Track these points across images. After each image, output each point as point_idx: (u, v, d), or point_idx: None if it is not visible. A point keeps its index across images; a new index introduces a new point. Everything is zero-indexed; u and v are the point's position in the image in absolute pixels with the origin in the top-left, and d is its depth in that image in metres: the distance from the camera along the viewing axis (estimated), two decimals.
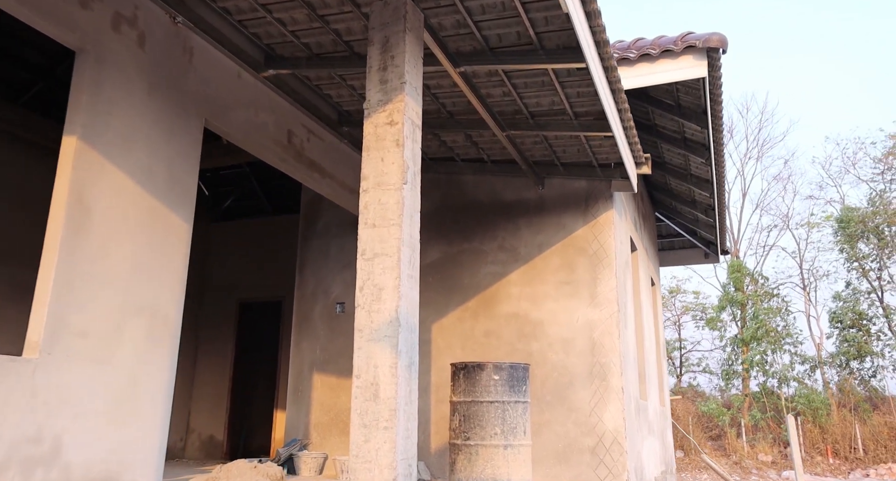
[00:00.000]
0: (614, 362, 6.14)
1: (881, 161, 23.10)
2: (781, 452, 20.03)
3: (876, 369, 20.77)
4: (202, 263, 9.94)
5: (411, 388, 3.56)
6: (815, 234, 27.73)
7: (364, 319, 3.55)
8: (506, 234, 6.81)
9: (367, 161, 3.77)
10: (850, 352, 20.71)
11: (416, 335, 3.68)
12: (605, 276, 6.34)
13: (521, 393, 5.54)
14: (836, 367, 21.55)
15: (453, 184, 7.17)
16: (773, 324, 21.29)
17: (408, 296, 3.61)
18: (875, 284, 21.22)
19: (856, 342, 20.64)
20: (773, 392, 20.97)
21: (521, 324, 6.53)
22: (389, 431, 3.35)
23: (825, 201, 25.71)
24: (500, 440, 5.39)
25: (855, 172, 24.40)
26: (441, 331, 6.80)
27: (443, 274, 6.93)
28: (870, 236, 20.67)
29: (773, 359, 21.40)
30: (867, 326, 20.95)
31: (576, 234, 6.55)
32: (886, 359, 20.67)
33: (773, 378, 21.18)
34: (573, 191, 6.69)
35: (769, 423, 20.36)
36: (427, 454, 6.57)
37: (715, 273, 27.33)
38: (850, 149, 30.02)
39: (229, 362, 9.50)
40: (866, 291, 21.30)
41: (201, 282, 9.88)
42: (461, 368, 5.61)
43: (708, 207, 8.95)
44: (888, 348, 20.64)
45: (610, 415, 6.04)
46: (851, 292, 21.28)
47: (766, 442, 20.02)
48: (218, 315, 9.69)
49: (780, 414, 20.33)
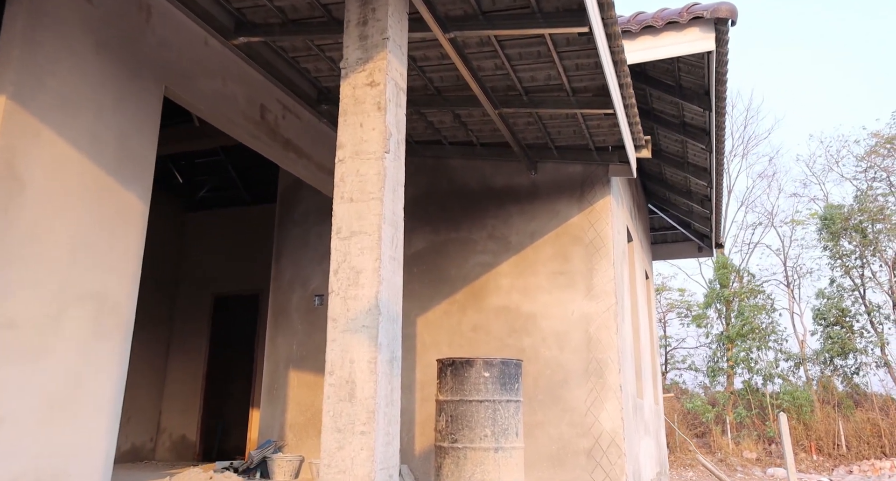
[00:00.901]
0: (612, 358, 5.67)
1: (864, 159, 22.98)
2: (766, 449, 19.83)
3: (859, 366, 20.63)
4: (176, 255, 9.35)
5: (393, 387, 3.06)
6: (799, 232, 27.61)
7: (339, 307, 3.04)
8: (496, 222, 6.32)
9: (343, 127, 3.26)
10: (834, 349, 20.53)
11: (398, 326, 3.17)
12: (602, 267, 5.87)
13: (513, 391, 5.06)
14: (820, 364, 21.38)
15: (440, 169, 6.67)
16: (758, 322, 21.08)
17: (390, 281, 3.11)
18: (857, 282, 21.06)
19: (839, 339, 20.47)
20: (758, 389, 20.77)
21: (511, 318, 6.05)
22: (367, 436, 2.85)
23: (809, 199, 25.56)
24: (490, 442, 4.90)
25: (838, 170, 24.27)
26: (427, 326, 6.29)
27: (429, 264, 6.43)
28: (853, 234, 20.49)
29: (758, 357, 21.19)
30: (850, 323, 20.80)
31: (571, 222, 6.08)
32: (870, 356, 20.52)
33: (758, 375, 20.97)
34: (568, 176, 6.21)
35: (754, 420, 20.15)
36: (411, 457, 6.06)
37: (700, 270, 27.11)
38: (833, 147, 29.94)
39: (203, 358, 8.92)
40: (850, 288, 21.15)
41: (175, 275, 9.29)
42: (448, 365, 5.11)
43: (704, 198, 8.53)
44: (871, 345, 20.48)
45: (607, 415, 5.57)
46: (835, 289, 21.11)
47: (750, 439, 19.81)
48: (192, 309, 9.11)
49: (764, 411, 20.13)
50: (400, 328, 3.19)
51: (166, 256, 9.17)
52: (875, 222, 20.53)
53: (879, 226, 20.58)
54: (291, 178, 7.19)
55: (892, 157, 23.21)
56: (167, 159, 9.63)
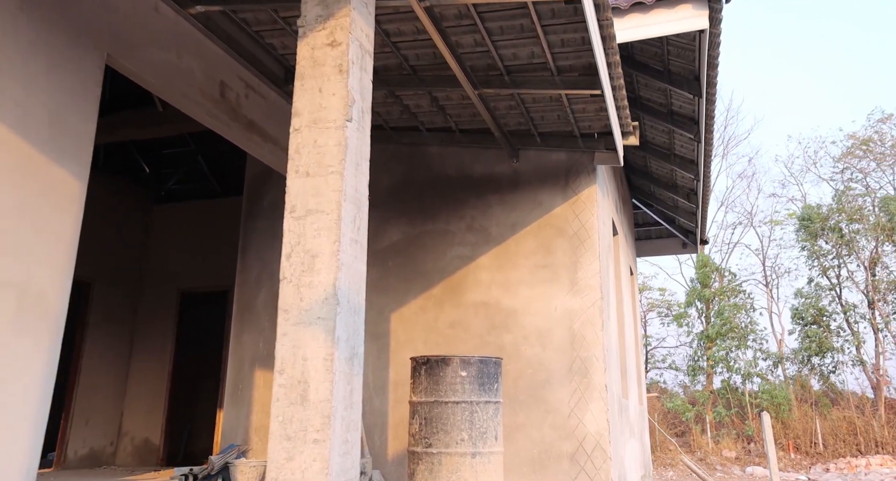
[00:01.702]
0: (597, 356, 5.30)
1: (840, 160, 23.00)
2: (745, 448, 19.73)
3: (836, 364, 20.59)
4: (141, 248, 8.83)
5: (353, 388, 2.65)
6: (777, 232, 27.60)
7: (291, 296, 2.62)
8: (475, 213, 5.93)
9: (300, 93, 2.83)
10: (812, 347, 20.47)
11: (360, 318, 2.76)
12: (587, 260, 5.50)
13: (493, 391, 4.66)
14: (798, 363, 21.33)
15: (417, 157, 6.26)
16: (737, 321, 20.97)
17: (351, 267, 2.69)
18: (834, 281, 21.02)
19: (817, 338, 20.41)
20: (737, 388, 20.66)
21: (491, 314, 5.65)
22: (321, 445, 2.43)
23: (787, 199, 25.57)
24: (467, 447, 4.50)
25: (816, 171, 24.28)
26: (401, 322, 5.88)
27: (404, 257, 6.02)
28: (830, 234, 20.46)
29: (738, 356, 21.08)
30: (828, 323, 20.76)
31: (554, 213, 5.70)
32: (846, 355, 20.49)
33: (738, 374, 20.86)
34: (551, 164, 5.84)
35: (733, 419, 20.05)
36: (384, 462, 5.64)
37: (681, 270, 26.98)
38: (811, 148, 30.03)
39: (169, 358, 8.42)
40: (827, 288, 21.12)
41: (139, 270, 8.77)
42: (422, 363, 4.70)
43: (690, 192, 8.21)
44: (848, 344, 20.45)
45: (592, 417, 5.20)
46: (813, 289, 21.07)
47: (730, 438, 19.69)
48: (157, 306, 8.60)
49: (743, 410, 20.04)
50: (362, 321, 2.77)
51: (130, 250, 8.66)
52: (852, 222, 20.52)
53: (857, 226, 20.58)
54: (259, 167, 6.74)
55: (868, 159, 23.26)
56: (133, 147, 9.11)
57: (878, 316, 20.11)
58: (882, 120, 23.09)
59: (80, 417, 7.72)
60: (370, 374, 5.85)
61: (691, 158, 7.27)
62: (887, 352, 20.41)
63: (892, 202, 19.55)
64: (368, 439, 5.70)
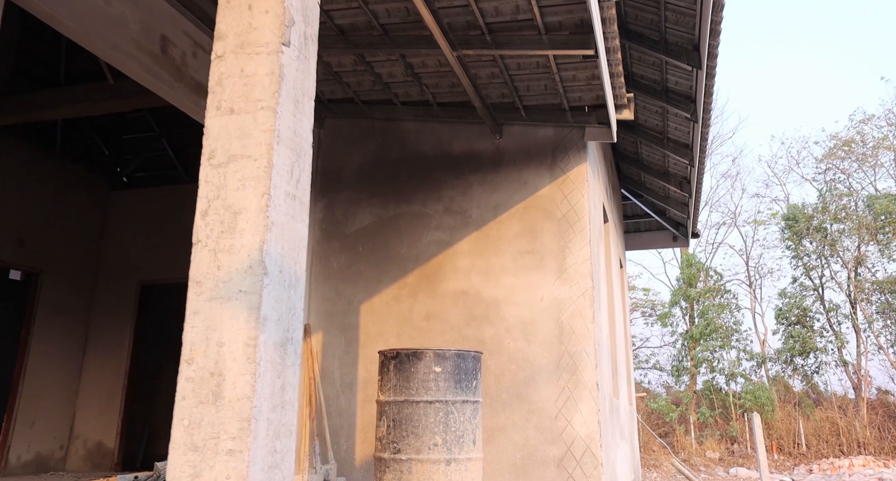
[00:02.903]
0: (587, 351, 4.72)
1: (823, 161, 22.75)
2: (728, 449, 19.40)
3: (819, 365, 20.29)
4: (97, 238, 8.13)
5: (286, 383, 2.03)
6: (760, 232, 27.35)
7: (206, 264, 2.01)
8: (454, 194, 5.33)
9: (225, 11, 2.22)
10: (795, 348, 20.16)
11: (298, 294, 2.15)
12: (577, 245, 4.92)
13: (471, 390, 4.06)
14: (781, 364, 21.01)
15: (391, 134, 5.65)
16: (721, 321, 20.61)
17: (285, 228, 2.08)
18: (817, 282, 20.73)
19: (801, 338, 20.10)
20: (721, 389, 20.30)
21: (471, 305, 5.06)
22: (237, 458, 1.81)
23: (771, 199, 25.30)
24: (441, 452, 3.90)
25: (799, 171, 24.02)
26: (372, 314, 5.27)
27: (375, 242, 5.40)
28: (814, 233, 20.18)
29: (721, 356, 20.72)
30: (811, 323, 20.46)
31: (540, 193, 5.12)
32: (829, 355, 20.19)
33: (721, 374, 20.49)
34: (538, 140, 5.26)
35: (717, 420, 19.69)
36: (350, 468, 5.02)
37: (665, 270, 26.62)
38: (794, 148, 29.82)
39: (126, 354, 7.72)
40: (811, 288, 20.82)
41: (95, 261, 8.07)
42: (391, 357, 4.10)
43: (683, 180, 7.68)
44: (831, 344, 20.14)
45: (581, 418, 4.62)
46: (798, 288, 20.76)
47: (713, 439, 19.33)
48: (114, 299, 7.90)
49: (727, 410, 19.70)
50: (301, 297, 2.16)
51: (85, 239, 7.95)
52: (837, 221, 20.25)
53: (841, 225, 20.31)
54: None
55: (850, 160, 23.04)
56: (92, 130, 8.42)
57: (860, 316, 19.85)
58: (863, 121, 22.87)
59: (25, 419, 7.01)
60: (336, 371, 5.22)
61: (686, 142, 6.73)
62: (869, 353, 20.16)
63: (877, 201, 19.28)
64: (334, 442, 5.08)
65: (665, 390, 22.58)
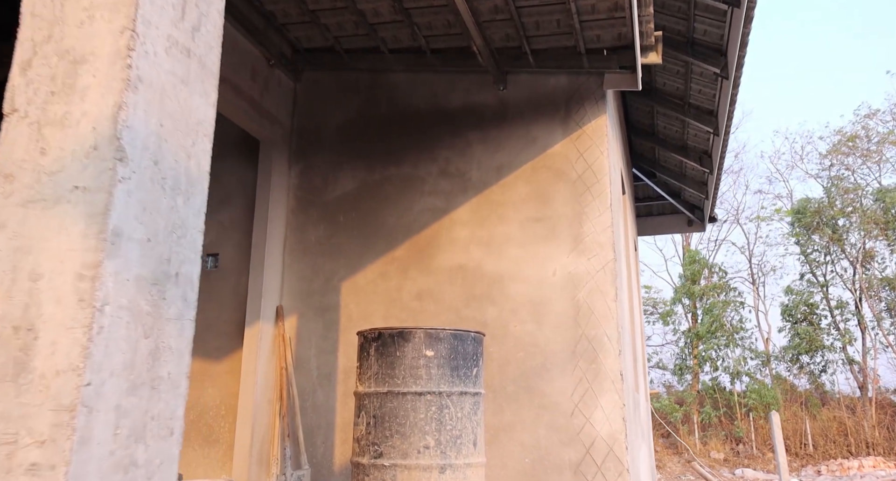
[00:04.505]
0: (609, 335, 3.88)
1: (827, 156, 21.96)
2: (734, 449, 18.61)
3: (826, 363, 19.47)
4: None
5: (161, 347, 1.18)
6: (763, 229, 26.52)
7: (23, 146, 1.16)
8: (451, 154, 4.49)
9: None
10: (802, 346, 19.36)
11: (193, 207, 1.30)
12: (596, 210, 4.08)
13: (470, 379, 3.22)
14: (787, 362, 20.18)
15: (378, 87, 4.81)
16: (726, 319, 19.80)
17: (167, 95, 1.23)
18: (822, 279, 19.94)
19: (807, 336, 19.29)
20: (725, 388, 19.49)
21: (471, 282, 4.22)
22: (46, 477, 0.96)
23: (774, 196, 24.48)
24: (434, 457, 3.05)
25: (803, 167, 23.21)
26: (355, 293, 4.42)
27: (359, 211, 4.56)
28: (824, 228, 19.35)
29: (725, 354, 19.91)
30: (818, 320, 19.65)
31: (552, 152, 4.28)
32: (837, 354, 19.37)
33: (726, 373, 19.68)
34: (548, 90, 4.42)
35: (721, 420, 18.87)
36: (328, 474, 4.17)
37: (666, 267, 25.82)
38: (798, 143, 29.00)
39: None
40: (818, 285, 20.00)
41: None
42: (373, 339, 3.25)
43: (703, 154, 6.84)
44: (838, 342, 19.33)
45: (603, 415, 3.77)
46: (805, 284, 19.93)
47: (717, 439, 18.51)
48: None
49: (731, 410, 18.91)
50: (199, 214, 1.32)
51: None
52: (844, 216, 19.46)
53: (848, 220, 19.53)
54: None
55: (855, 155, 22.24)
56: None
57: (868, 313, 19.04)
58: (868, 115, 22.05)
59: None
60: (313, 360, 4.38)
61: (710, 107, 5.90)
62: (878, 350, 19.34)
63: (888, 194, 18.45)
64: (309, 444, 4.23)
65: (666, 389, 21.77)
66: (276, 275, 4.46)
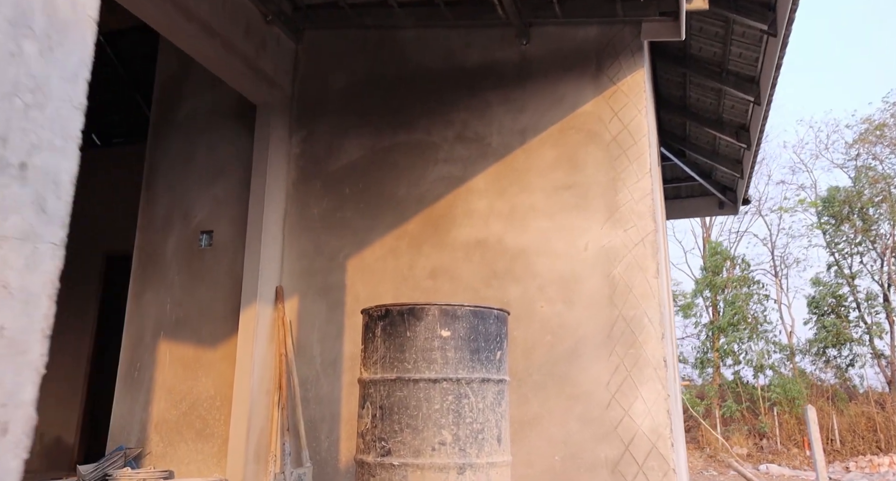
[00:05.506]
0: (650, 316, 3.36)
1: (853, 146, 21.09)
2: (757, 444, 17.95)
3: (854, 357, 18.69)
4: None
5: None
6: (786, 220, 25.65)
7: None
8: (468, 117, 3.99)
9: None
10: (828, 339, 18.61)
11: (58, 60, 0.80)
12: (633, 175, 3.56)
13: (493, 363, 2.72)
14: (813, 355, 19.43)
15: (387, 45, 4.32)
16: (750, 311, 19.10)
17: None
18: (849, 271, 19.15)
19: (834, 328, 18.53)
20: (747, 382, 18.81)
21: (491, 258, 3.72)
22: None
23: (797, 186, 23.62)
24: (451, 454, 2.56)
25: (828, 156, 22.35)
26: (362, 271, 3.94)
27: (367, 181, 4.08)
28: (854, 218, 18.54)
29: (749, 347, 19.23)
30: (846, 313, 18.87)
31: (582, 111, 3.76)
32: (865, 347, 18.59)
33: (749, 366, 19.00)
34: (577, 43, 3.90)
35: (744, 414, 18.21)
36: (333, 472, 3.70)
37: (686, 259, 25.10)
38: (823, 132, 28.00)
39: (89, 335, 6.48)
40: (848, 276, 19.21)
41: None
42: (380, 317, 2.77)
43: (740, 128, 6.27)
44: (867, 335, 18.54)
45: (644, 407, 3.26)
46: (832, 276, 19.15)
47: (740, 434, 17.86)
48: (75, 272, 6.64)
49: (755, 404, 18.25)
50: (76, 75, 0.82)
51: None
52: (872, 206, 18.66)
53: (875, 210, 18.71)
54: (175, 64, 4.80)
55: (882, 145, 21.34)
56: None
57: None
58: None
59: None
60: (316, 345, 3.91)
61: (751, 74, 5.33)
62: None
63: None
64: (311, 438, 3.76)
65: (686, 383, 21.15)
66: (275, 252, 4.00)
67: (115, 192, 6.72)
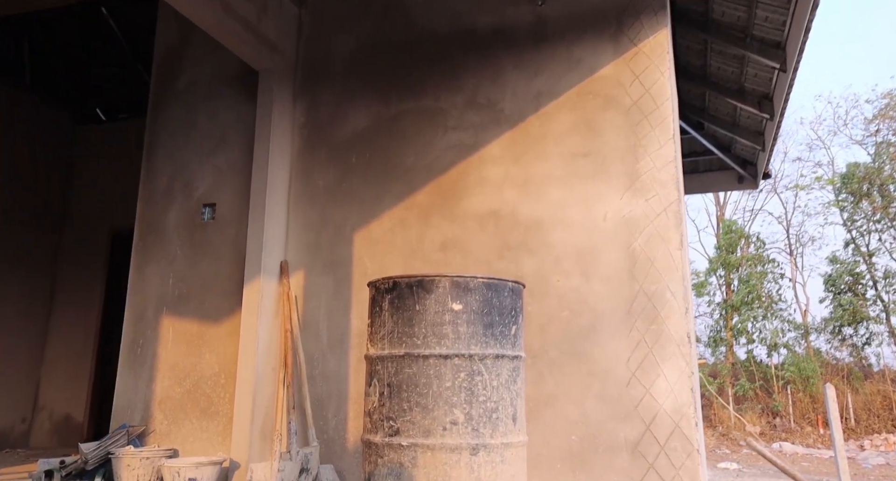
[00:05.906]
0: (673, 290, 3.17)
1: (872, 122, 20.51)
2: (770, 423, 17.81)
3: (870, 336, 18.41)
4: (62, 180, 6.77)
5: None
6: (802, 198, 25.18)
7: None
8: (479, 82, 3.77)
9: None
10: (844, 317, 18.31)
11: None
12: (656, 140, 3.34)
13: (508, 338, 2.55)
14: (828, 334, 19.17)
15: (394, 8, 4.09)
16: (764, 290, 18.83)
17: None
18: (865, 249, 18.77)
19: (851, 307, 18.23)
20: (761, 361, 18.63)
21: (504, 229, 3.53)
22: None
23: (814, 163, 23.12)
24: (463, 435, 2.41)
25: (847, 132, 21.78)
26: (369, 244, 3.77)
27: (374, 150, 3.89)
28: (875, 194, 18.09)
29: (763, 326, 19.00)
30: (863, 291, 18.54)
31: (600, 74, 3.54)
32: (882, 325, 18.29)
33: (763, 345, 18.80)
34: (596, 2, 3.66)
35: (757, 393, 18.07)
36: (341, 451, 3.57)
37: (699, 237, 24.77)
38: (842, 107, 27.29)
39: (97, 312, 6.39)
40: (866, 254, 18.84)
41: (60, 206, 6.72)
42: (387, 290, 2.60)
43: (763, 98, 5.99)
44: (884, 314, 18.22)
45: (667, 385, 3.09)
46: (850, 253, 18.79)
47: (753, 412, 17.72)
48: (83, 249, 6.55)
49: (768, 383, 18.09)
50: None
51: (48, 181, 6.60)
52: (892, 183, 18.20)
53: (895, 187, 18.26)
54: (175, 33, 4.60)
55: None
56: (57, 57, 7.01)
57: None
58: None
59: None
60: (322, 322, 3.76)
61: (777, 39, 5.04)
62: None
63: None
64: (318, 417, 3.63)
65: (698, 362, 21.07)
66: (279, 225, 3.83)
67: (122, 168, 6.58)
